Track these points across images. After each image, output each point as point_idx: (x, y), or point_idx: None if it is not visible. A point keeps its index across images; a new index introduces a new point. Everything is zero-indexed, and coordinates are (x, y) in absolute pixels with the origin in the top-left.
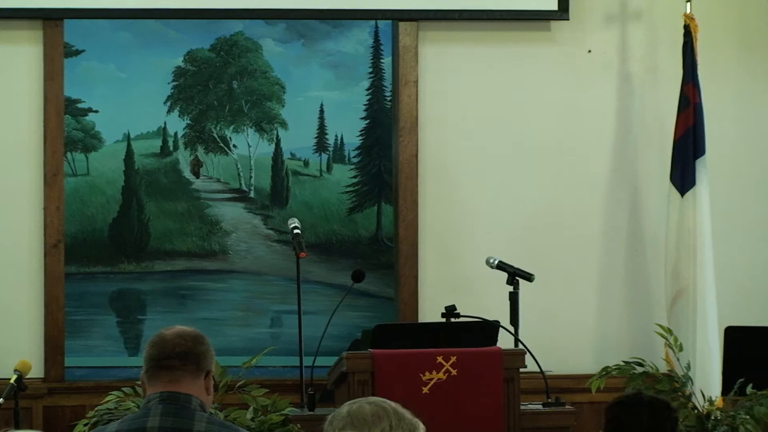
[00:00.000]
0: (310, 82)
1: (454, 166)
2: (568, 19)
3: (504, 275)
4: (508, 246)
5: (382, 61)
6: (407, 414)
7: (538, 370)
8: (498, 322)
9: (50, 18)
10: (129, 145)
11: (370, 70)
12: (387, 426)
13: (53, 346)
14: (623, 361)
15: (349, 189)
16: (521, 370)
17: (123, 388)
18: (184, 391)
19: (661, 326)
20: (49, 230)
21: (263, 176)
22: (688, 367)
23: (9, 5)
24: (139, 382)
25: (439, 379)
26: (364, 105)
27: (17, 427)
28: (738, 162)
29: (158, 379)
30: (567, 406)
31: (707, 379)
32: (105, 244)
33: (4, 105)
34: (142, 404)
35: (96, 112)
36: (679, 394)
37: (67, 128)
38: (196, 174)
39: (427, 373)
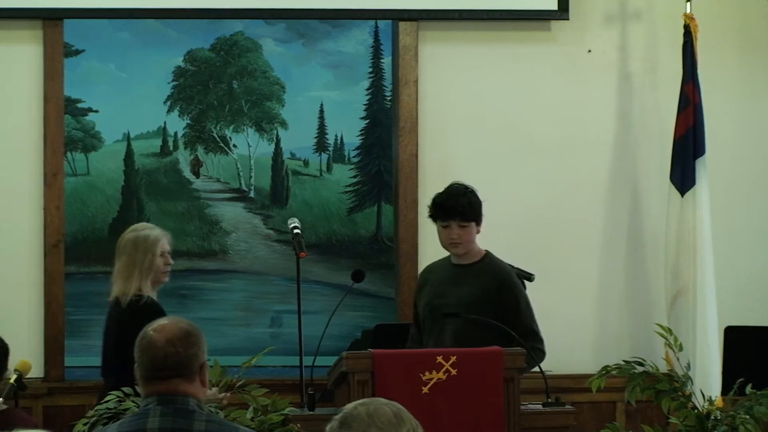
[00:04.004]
0: (310, 82)
1: (454, 166)
2: (568, 19)
3: None
4: (508, 246)
5: (382, 61)
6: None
7: (538, 369)
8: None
9: (50, 18)
10: (129, 145)
11: (370, 70)
12: (410, 427)
13: (53, 346)
14: (623, 361)
15: (349, 189)
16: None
17: (123, 388)
18: (181, 392)
19: (661, 326)
20: (49, 230)
21: (263, 176)
22: (688, 367)
23: (9, 5)
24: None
25: (439, 379)
26: (364, 105)
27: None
28: (738, 162)
29: (153, 386)
30: (567, 406)
31: (707, 379)
32: (105, 244)
33: (4, 105)
34: (141, 405)
35: (96, 111)
36: (679, 393)
37: (67, 128)
38: (196, 174)
39: (427, 373)
